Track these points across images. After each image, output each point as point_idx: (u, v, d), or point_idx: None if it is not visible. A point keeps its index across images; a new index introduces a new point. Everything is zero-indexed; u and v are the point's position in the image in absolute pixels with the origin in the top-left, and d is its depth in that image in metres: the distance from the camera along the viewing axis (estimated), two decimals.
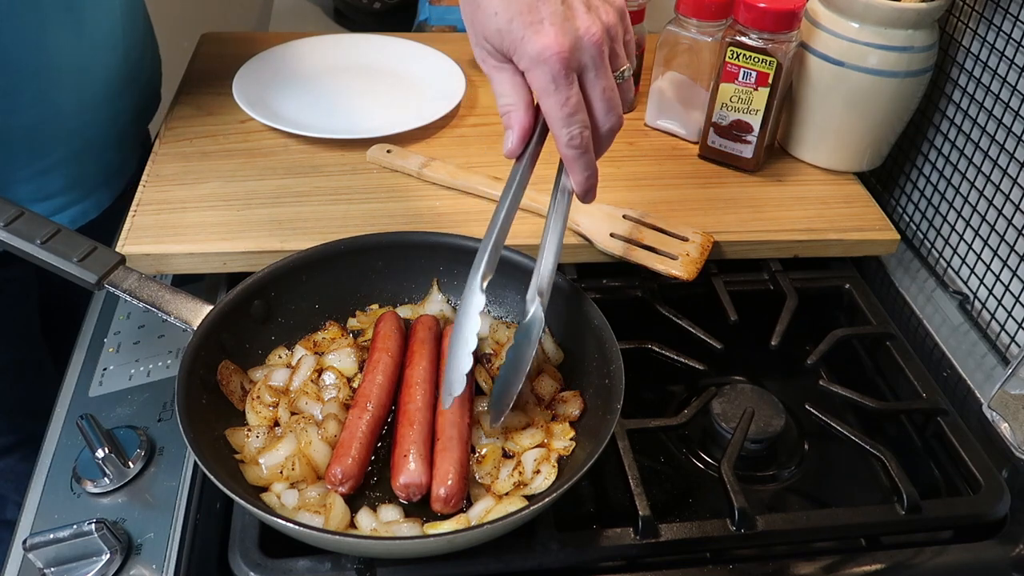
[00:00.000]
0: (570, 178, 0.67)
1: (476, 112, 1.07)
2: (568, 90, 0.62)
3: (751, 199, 0.94)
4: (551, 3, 0.61)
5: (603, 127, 0.65)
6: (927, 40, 0.88)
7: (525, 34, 0.61)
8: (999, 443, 0.76)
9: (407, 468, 0.65)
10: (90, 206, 0.94)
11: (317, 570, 0.63)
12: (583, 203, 0.70)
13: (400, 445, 0.67)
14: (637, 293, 0.86)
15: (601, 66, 0.63)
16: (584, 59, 0.62)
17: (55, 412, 0.77)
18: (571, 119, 0.63)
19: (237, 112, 1.00)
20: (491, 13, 0.62)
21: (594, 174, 0.67)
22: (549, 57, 0.60)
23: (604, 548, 0.66)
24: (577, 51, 0.61)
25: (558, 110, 0.62)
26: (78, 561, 0.63)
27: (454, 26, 1.37)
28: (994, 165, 0.86)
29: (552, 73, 0.61)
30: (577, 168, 0.66)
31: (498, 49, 0.63)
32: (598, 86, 0.64)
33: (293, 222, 0.87)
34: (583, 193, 0.68)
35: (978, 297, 0.88)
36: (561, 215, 0.70)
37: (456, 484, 0.64)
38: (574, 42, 0.61)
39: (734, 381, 0.85)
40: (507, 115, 0.66)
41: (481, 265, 0.67)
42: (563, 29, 0.60)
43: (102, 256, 0.69)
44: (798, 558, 0.68)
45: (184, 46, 1.18)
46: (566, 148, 0.65)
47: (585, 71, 0.63)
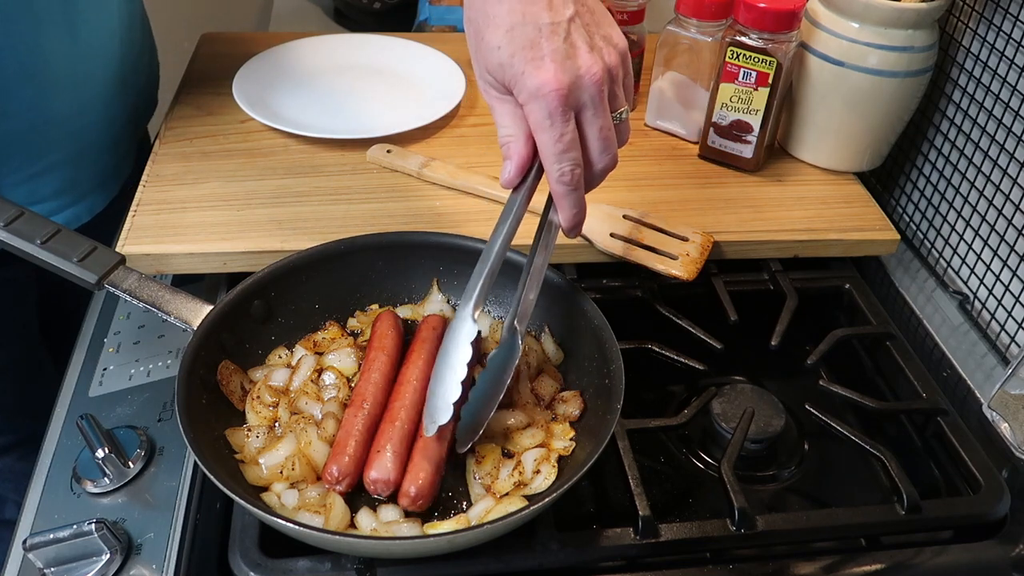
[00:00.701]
0: (558, 213, 0.67)
1: (476, 112, 1.07)
2: (563, 126, 0.62)
3: (751, 199, 0.94)
4: (554, 40, 0.61)
5: (597, 166, 0.66)
6: (927, 40, 0.88)
7: (526, 69, 0.61)
8: (999, 443, 0.76)
9: (378, 463, 0.65)
10: (83, 210, 0.94)
11: (317, 570, 0.63)
12: (568, 238, 0.70)
13: (378, 440, 0.67)
14: (637, 293, 0.86)
15: (600, 106, 0.63)
16: (583, 97, 0.62)
17: (55, 412, 0.77)
18: (564, 155, 0.63)
19: (237, 112, 1.00)
20: (494, 47, 0.62)
21: (582, 211, 0.67)
22: (547, 93, 0.61)
23: (604, 548, 0.66)
24: (576, 89, 0.62)
25: (552, 146, 0.63)
26: (78, 561, 0.63)
27: (454, 26, 1.37)
28: (994, 165, 0.86)
29: (549, 108, 0.61)
30: (566, 204, 0.66)
31: (500, 82, 0.63)
32: (595, 125, 0.64)
33: (293, 222, 0.87)
34: (569, 229, 0.68)
35: (978, 297, 0.88)
36: (546, 249, 0.69)
37: (426, 484, 0.64)
38: (574, 80, 0.61)
39: (734, 381, 0.85)
40: (506, 146, 0.66)
41: (473, 295, 0.66)
42: (564, 67, 0.61)
43: (102, 256, 0.69)
44: (798, 558, 0.68)
45: (184, 46, 1.18)
46: (556, 184, 0.65)
47: (583, 109, 0.63)
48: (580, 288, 0.76)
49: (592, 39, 0.63)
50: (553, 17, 0.61)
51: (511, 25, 0.61)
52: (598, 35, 0.64)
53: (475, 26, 0.64)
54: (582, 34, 0.62)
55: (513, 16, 0.61)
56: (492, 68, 0.63)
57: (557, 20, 0.61)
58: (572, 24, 0.62)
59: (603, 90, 0.63)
